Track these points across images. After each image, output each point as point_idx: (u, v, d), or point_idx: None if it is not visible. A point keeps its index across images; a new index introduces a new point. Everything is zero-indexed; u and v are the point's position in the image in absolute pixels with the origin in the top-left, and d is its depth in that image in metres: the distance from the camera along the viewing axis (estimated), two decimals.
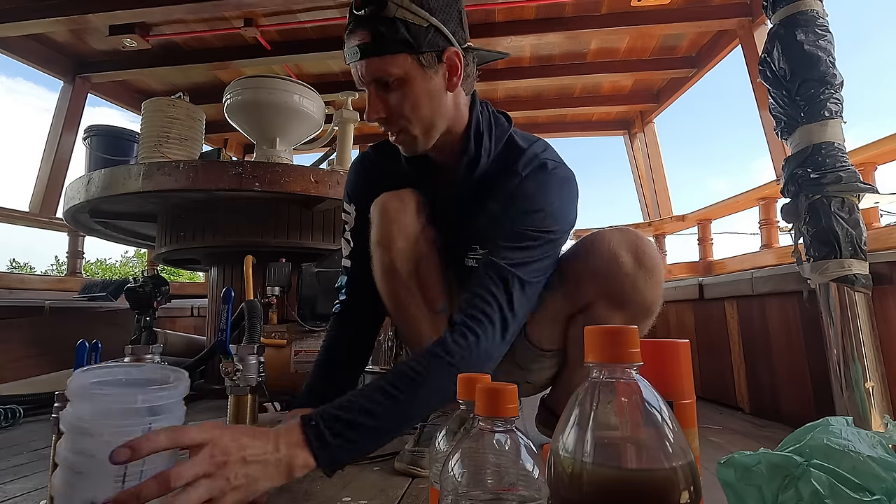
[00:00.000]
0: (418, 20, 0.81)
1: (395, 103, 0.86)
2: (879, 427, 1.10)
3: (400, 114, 0.87)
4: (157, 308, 2.02)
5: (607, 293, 0.90)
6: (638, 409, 0.33)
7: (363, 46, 0.82)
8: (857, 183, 1.19)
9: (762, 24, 2.42)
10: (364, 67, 0.84)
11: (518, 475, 0.38)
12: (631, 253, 0.88)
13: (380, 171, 1.04)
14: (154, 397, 0.52)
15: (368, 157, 1.09)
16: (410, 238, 0.96)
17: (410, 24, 0.81)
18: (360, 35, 0.82)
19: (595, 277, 0.90)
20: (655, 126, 3.58)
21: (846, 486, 0.50)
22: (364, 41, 0.82)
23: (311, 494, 0.84)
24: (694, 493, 0.31)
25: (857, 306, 1.16)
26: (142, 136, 2.13)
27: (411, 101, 0.86)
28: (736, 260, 2.42)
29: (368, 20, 0.81)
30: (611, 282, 0.89)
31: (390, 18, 0.80)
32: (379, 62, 0.82)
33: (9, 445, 1.22)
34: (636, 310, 0.90)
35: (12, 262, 19.44)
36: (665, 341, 0.47)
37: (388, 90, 0.85)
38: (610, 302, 0.91)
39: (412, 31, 0.81)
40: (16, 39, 2.71)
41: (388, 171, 1.02)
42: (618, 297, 0.90)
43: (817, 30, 1.25)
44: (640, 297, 0.89)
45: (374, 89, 0.86)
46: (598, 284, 0.90)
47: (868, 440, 0.54)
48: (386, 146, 1.04)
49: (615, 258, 0.88)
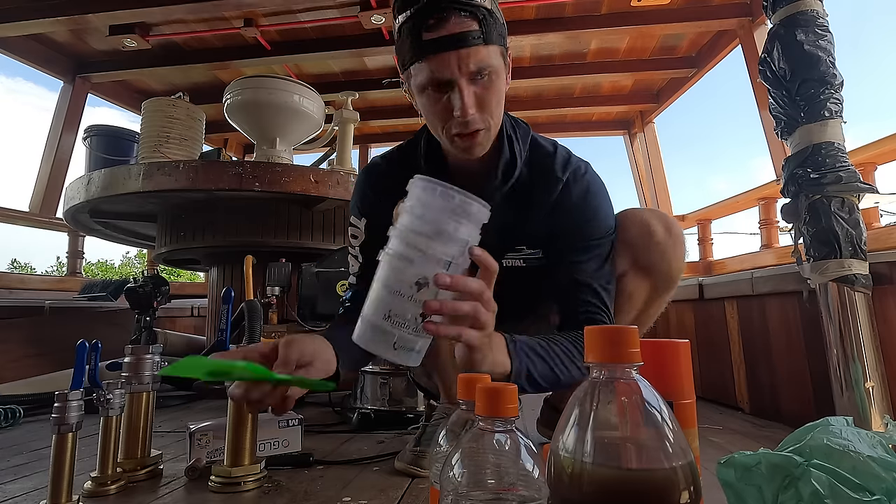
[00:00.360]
0: (499, 16, 0.80)
1: (485, 97, 0.81)
2: (879, 427, 1.10)
3: (488, 108, 0.82)
4: (157, 308, 2.02)
5: (639, 261, 0.96)
6: (638, 409, 0.33)
7: (472, 33, 0.76)
8: (857, 183, 1.19)
9: (762, 24, 2.41)
10: (470, 56, 0.77)
11: (518, 475, 0.38)
12: (662, 224, 0.96)
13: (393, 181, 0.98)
14: (483, 213, 0.58)
15: (379, 167, 1.02)
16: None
17: (497, 16, 0.79)
18: (463, 22, 0.76)
19: (629, 247, 0.96)
20: (655, 126, 3.58)
21: (846, 486, 0.50)
22: (471, 28, 0.76)
23: (311, 494, 0.84)
24: (694, 493, 0.31)
25: (857, 306, 1.16)
26: (142, 136, 2.13)
27: (497, 96, 0.82)
28: (736, 260, 2.42)
29: (468, 6, 0.76)
30: (644, 250, 0.95)
31: (488, 8, 0.77)
32: (485, 52, 0.77)
33: (9, 445, 1.22)
34: (663, 278, 0.97)
35: (13, 263, 19.44)
36: (665, 341, 0.47)
37: (477, 84, 0.80)
38: (640, 270, 0.96)
39: (500, 25, 0.80)
40: (16, 39, 2.71)
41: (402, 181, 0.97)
42: (648, 265, 0.95)
43: (817, 30, 1.25)
44: (668, 265, 0.96)
45: (466, 82, 0.78)
46: (631, 254, 0.96)
47: (868, 440, 0.54)
48: (396, 155, 1.01)
49: (649, 228, 0.95)
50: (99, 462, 0.86)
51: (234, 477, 0.86)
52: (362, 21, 2.57)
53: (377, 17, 2.55)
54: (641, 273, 0.96)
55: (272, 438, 1.03)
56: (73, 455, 0.76)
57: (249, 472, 0.87)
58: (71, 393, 0.77)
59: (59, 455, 0.75)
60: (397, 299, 0.56)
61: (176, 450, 1.15)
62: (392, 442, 1.19)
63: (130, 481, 0.90)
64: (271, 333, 1.70)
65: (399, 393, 1.33)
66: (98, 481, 0.85)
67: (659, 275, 0.96)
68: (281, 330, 1.73)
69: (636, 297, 0.97)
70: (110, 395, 0.87)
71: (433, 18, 0.76)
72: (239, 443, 0.88)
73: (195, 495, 0.85)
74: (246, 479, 0.86)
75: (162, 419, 1.50)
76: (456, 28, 0.76)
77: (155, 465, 0.95)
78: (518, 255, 0.96)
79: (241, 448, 0.88)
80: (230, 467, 0.87)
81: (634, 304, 0.98)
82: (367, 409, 1.35)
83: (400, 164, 0.98)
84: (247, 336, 1.49)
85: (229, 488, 0.85)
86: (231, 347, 0.91)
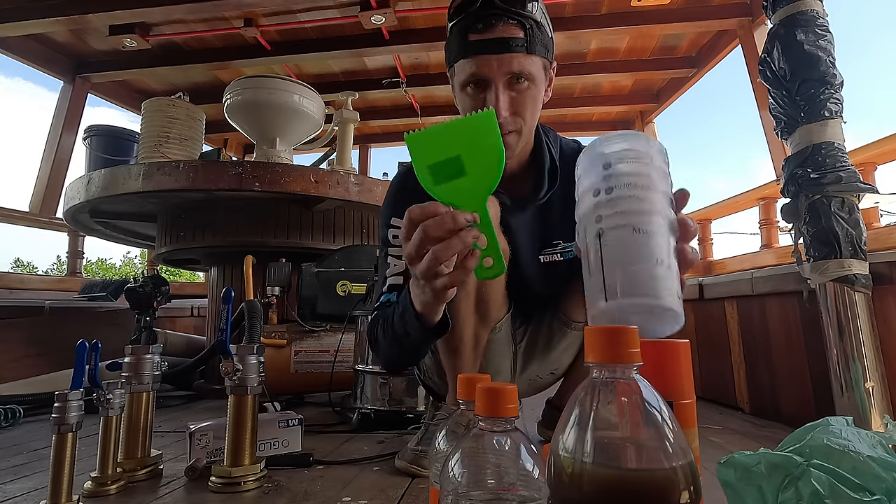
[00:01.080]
0: (547, 27, 0.86)
1: (520, 101, 0.86)
2: (879, 427, 1.10)
3: (521, 113, 0.87)
4: (157, 308, 2.02)
5: None
6: (638, 409, 0.33)
7: (515, 40, 0.82)
8: (857, 183, 1.19)
9: (762, 24, 2.41)
10: (511, 61, 0.83)
11: (518, 475, 0.38)
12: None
13: None
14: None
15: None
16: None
17: (544, 29, 0.85)
18: (509, 29, 0.82)
19: None
20: (655, 126, 3.58)
21: (846, 486, 0.50)
22: (516, 35, 0.82)
23: (311, 494, 0.84)
24: (694, 493, 0.31)
25: (857, 306, 1.16)
26: (142, 136, 2.13)
27: (533, 103, 0.87)
28: (736, 260, 2.42)
29: (517, 16, 0.82)
30: None
31: (537, 20, 0.83)
32: (526, 59, 0.83)
33: (9, 445, 1.22)
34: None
35: (16, 262, 19.44)
36: (665, 341, 0.47)
37: (513, 88, 0.85)
38: None
39: (546, 36, 0.86)
40: (16, 39, 2.71)
41: None
42: None
43: (817, 30, 1.25)
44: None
45: (504, 84, 0.84)
46: None
47: (868, 440, 0.54)
48: None
49: None
50: (99, 462, 0.86)
51: (235, 477, 0.86)
52: (362, 21, 2.57)
53: (377, 17, 2.55)
54: None
55: (272, 438, 1.03)
56: (73, 455, 0.76)
57: (249, 472, 0.87)
58: (71, 393, 0.77)
59: (59, 455, 0.75)
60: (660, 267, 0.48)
61: (176, 450, 1.15)
62: (392, 442, 1.19)
63: (130, 481, 0.90)
64: (271, 333, 1.70)
65: (399, 393, 1.33)
66: (98, 481, 0.85)
67: None
68: (281, 330, 1.73)
69: None
70: (110, 395, 0.87)
71: (482, 22, 0.82)
72: (239, 443, 0.88)
73: (195, 495, 0.85)
74: (246, 479, 0.86)
75: (162, 419, 1.50)
76: (501, 33, 0.81)
77: (155, 465, 0.95)
78: (554, 251, 1.01)
79: (241, 448, 0.88)
80: (230, 467, 0.87)
81: None
82: (367, 409, 1.35)
83: None
84: (247, 336, 1.49)
85: (229, 488, 0.85)
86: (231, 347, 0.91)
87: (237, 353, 0.90)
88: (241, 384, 0.89)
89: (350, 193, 1.85)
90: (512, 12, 0.82)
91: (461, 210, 0.57)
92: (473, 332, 0.97)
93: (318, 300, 1.75)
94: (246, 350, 0.91)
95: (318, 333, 1.74)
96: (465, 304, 0.94)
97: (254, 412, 0.90)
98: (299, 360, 1.70)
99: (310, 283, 1.76)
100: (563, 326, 1.08)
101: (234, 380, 0.89)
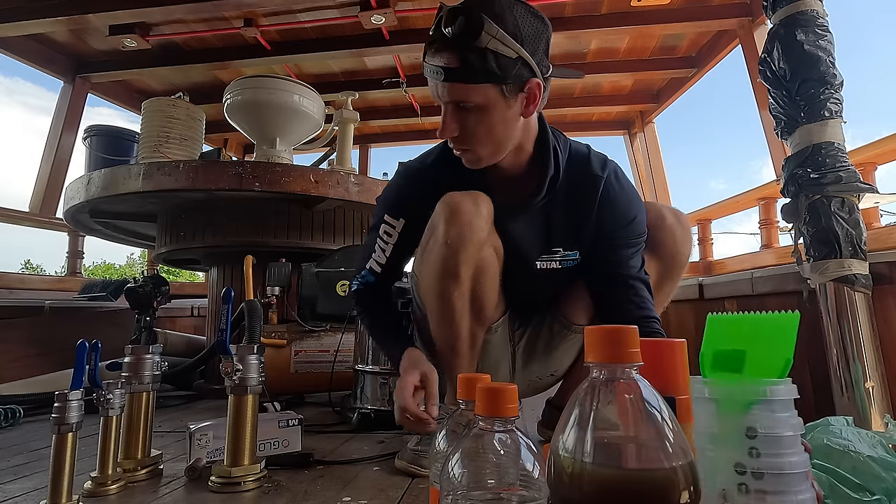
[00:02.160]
0: (508, 52, 0.81)
1: (470, 126, 0.87)
2: (879, 427, 1.10)
3: (473, 136, 0.88)
4: (157, 308, 2.02)
5: (651, 240, 1.03)
6: (638, 409, 0.33)
7: (449, 71, 0.82)
8: (857, 183, 1.19)
9: (762, 24, 2.41)
10: (446, 90, 0.84)
11: (518, 475, 0.38)
12: (672, 213, 1.06)
13: (435, 180, 1.00)
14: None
15: (420, 169, 1.04)
16: (479, 243, 0.93)
17: (500, 56, 0.81)
18: (447, 58, 0.82)
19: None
20: (655, 126, 3.58)
21: (846, 486, 0.50)
22: (450, 65, 0.82)
23: (311, 494, 0.84)
24: (694, 493, 0.31)
25: (857, 306, 1.16)
26: (142, 136, 2.13)
27: (486, 126, 0.87)
28: (736, 260, 2.42)
29: (459, 45, 0.80)
30: (655, 230, 1.03)
31: (482, 49, 0.80)
32: (462, 88, 0.83)
33: (9, 445, 1.22)
34: (671, 256, 1.05)
35: (27, 264, 19.40)
36: (662, 340, 0.48)
37: (466, 112, 0.86)
38: (651, 248, 1.03)
39: (500, 63, 0.81)
40: (16, 39, 2.71)
41: (443, 181, 0.98)
42: (658, 244, 1.04)
43: (817, 30, 1.25)
44: (678, 247, 1.05)
45: (451, 109, 0.87)
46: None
47: (868, 440, 0.54)
48: (439, 155, 1.03)
49: (661, 215, 1.05)
50: (99, 462, 0.86)
51: (234, 477, 0.86)
52: (362, 21, 2.57)
53: (377, 17, 2.55)
54: (652, 250, 1.03)
55: (272, 438, 1.03)
56: (73, 455, 0.76)
57: (249, 472, 0.87)
58: (71, 393, 0.77)
59: (59, 455, 0.75)
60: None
61: (176, 450, 1.15)
62: (392, 442, 1.19)
63: (130, 481, 0.90)
64: (271, 333, 1.70)
65: None
66: (98, 481, 0.85)
67: (667, 253, 1.04)
68: (281, 330, 1.73)
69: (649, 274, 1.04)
70: (110, 395, 0.87)
71: (431, 47, 0.85)
72: (239, 443, 0.88)
73: (195, 495, 0.85)
74: (246, 479, 0.86)
75: (162, 419, 1.50)
76: (440, 60, 0.83)
77: (155, 465, 0.95)
78: (553, 257, 1.01)
79: (241, 448, 0.88)
80: (230, 467, 0.87)
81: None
82: (367, 409, 1.35)
83: (443, 164, 1.01)
84: (247, 336, 1.49)
85: (229, 488, 0.85)
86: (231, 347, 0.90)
87: (237, 352, 0.90)
88: (242, 384, 0.89)
89: (350, 193, 1.85)
90: (451, 40, 0.81)
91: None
92: (470, 330, 0.97)
93: (318, 300, 1.75)
94: (246, 350, 0.91)
95: (318, 333, 1.74)
96: (460, 303, 0.95)
97: (254, 412, 0.90)
98: (299, 360, 1.70)
99: (310, 283, 1.76)
100: (563, 329, 1.08)
101: (234, 380, 0.89)
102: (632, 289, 0.96)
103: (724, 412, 0.42)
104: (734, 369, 0.46)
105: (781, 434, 0.40)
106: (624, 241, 0.97)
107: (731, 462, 0.40)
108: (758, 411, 0.41)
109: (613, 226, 0.97)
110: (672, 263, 1.06)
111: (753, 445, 0.40)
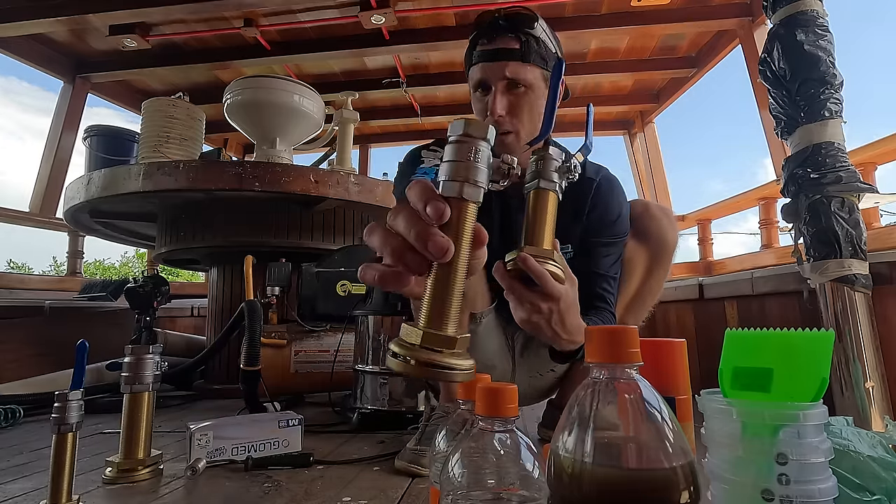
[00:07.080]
0: (551, 45, 0.98)
1: (518, 105, 0.96)
2: (879, 427, 1.10)
3: (518, 114, 0.97)
4: (157, 308, 2.02)
5: (636, 228, 1.09)
6: (638, 410, 0.33)
7: (507, 52, 0.95)
8: (857, 183, 1.19)
9: (762, 24, 2.41)
10: (505, 69, 0.95)
11: (518, 475, 0.38)
12: (657, 205, 1.14)
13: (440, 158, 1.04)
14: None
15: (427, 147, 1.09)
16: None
17: (546, 47, 0.97)
18: (508, 41, 0.95)
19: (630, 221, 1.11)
20: (655, 126, 3.58)
21: (846, 486, 0.50)
22: (509, 46, 0.95)
23: (311, 494, 0.84)
24: (694, 493, 0.31)
25: (857, 306, 1.16)
26: (142, 136, 2.13)
27: (530, 106, 0.97)
28: (736, 260, 2.42)
29: (519, 30, 0.95)
30: (640, 219, 1.10)
31: (536, 36, 0.95)
32: (520, 67, 0.95)
33: (9, 445, 1.22)
34: (657, 242, 1.10)
35: (10, 263, 19.37)
36: (662, 340, 0.48)
37: (513, 94, 0.95)
38: (637, 235, 1.09)
39: (547, 52, 0.97)
40: (16, 39, 2.70)
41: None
42: (644, 230, 1.10)
43: (817, 30, 1.25)
44: (664, 233, 1.11)
45: (501, 88, 0.95)
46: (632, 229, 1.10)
47: (868, 440, 0.54)
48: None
49: (647, 207, 1.12)
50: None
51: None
52: (362, 21, 2.57)
53: (377, 17, 2.54)
54: (638, 238, 1.09)
55: (272, 438, 1.03)
56: (73, 455, 0.76)
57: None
58: (71, 393, 0.77)
59: (59, 455, 0.75)
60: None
61: (176, 450, 1.15)
62: (392, 442, 1.19)
63: (130, 481, 0.90)
64: (271, 333, 1.70)
65: (399, 393, 1.33)
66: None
67: (653, 239, 1.10)
68: (281, 330, 1.73)
69: (635, 262, 1.10)
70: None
71: (486, 36, 0.97)
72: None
73: (195, 495, 0.85)
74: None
75: (162, 419, 1.50)
76: (500, 44, 0.96)
77: (155, 465, 0.95)
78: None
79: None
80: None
81: (635, 270, 1.10)
82: (367, 409, 1.35)
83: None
84: (247, 336, 1.49)
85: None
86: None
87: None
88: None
89: (350, 193, 1.85)
90: (511, 28, 0.95)
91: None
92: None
93: (318, 300, 1.75)
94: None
95: (318, 333, 1.74)
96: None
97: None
98: (299, 360, 1.70)
99: (310, 283, 1.76)
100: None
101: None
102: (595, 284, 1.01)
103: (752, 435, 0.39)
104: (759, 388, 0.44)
105: (813, 461, 0.38)
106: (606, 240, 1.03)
107: (757, 488, 0.38)
108: (788, 435, 0.38)
109: (601, 223, 1.03)
110: (659, 249, 1.11)
111: (784, 472, 0.38)
